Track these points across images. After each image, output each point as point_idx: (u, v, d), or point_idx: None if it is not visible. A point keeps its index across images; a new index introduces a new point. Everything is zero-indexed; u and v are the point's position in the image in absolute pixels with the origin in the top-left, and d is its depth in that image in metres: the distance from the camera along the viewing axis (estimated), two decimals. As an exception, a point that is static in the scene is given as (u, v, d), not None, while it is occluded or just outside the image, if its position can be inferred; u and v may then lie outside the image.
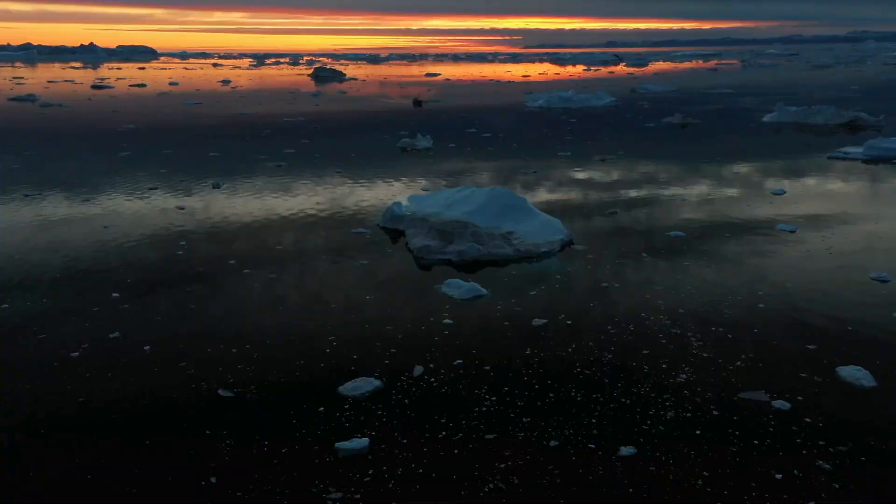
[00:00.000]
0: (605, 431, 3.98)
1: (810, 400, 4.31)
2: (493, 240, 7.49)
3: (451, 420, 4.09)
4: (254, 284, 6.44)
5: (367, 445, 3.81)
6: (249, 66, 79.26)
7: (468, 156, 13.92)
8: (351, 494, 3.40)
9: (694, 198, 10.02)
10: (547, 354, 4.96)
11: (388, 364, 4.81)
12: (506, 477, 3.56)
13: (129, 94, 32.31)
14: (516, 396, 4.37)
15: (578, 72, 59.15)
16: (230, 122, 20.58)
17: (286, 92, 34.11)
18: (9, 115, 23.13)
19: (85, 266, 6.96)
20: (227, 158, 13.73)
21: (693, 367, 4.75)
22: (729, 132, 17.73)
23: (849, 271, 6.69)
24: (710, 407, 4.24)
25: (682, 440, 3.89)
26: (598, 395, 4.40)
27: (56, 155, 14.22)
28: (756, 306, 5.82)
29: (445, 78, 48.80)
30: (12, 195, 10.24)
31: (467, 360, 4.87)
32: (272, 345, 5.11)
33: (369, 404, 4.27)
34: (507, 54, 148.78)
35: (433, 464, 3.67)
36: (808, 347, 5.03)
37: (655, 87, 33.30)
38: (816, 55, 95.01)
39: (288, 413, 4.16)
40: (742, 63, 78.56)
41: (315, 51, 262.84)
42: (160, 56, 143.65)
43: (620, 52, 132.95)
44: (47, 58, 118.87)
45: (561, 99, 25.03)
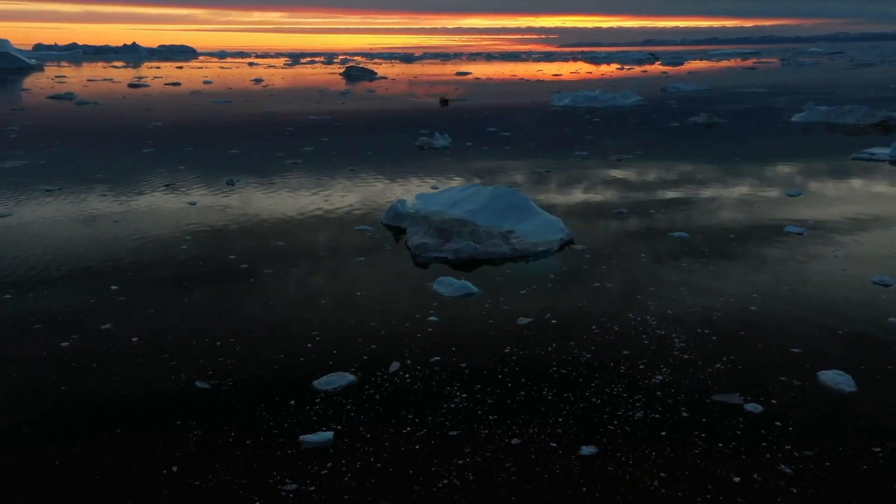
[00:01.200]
0: (569, 431, 3.98)
1: (784, 403, 4.25)
2: (492, 238, 7.50)
3: (418, 416, 4.12)
4: (248, 279, 6.55)
5: (330, 439, 3.87)
6: (284, 65, 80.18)
7: (484, 154, 13.92)
8: (306, 486, 3.46)
9: (704, 199, 9.90)
10: (526, 353, 4.97)
11: (366, 359, 4.86)
12: (461, 473, 3.58)
13: (163, 93, 32.95)
14: (487, 394, 4.39)
15: (611, 71, 58.62)
16: (256, 120, 20.87)
17: (315, 91, 34.45)
18: (45, 113, 23.77)
19: (89, 258, 7.14)
20: (247, 156, 13.94)
21: (671, 368, 4.71)
22: (754, 132, 17.42)
23: (851, 275, 6.56)
24: (680, 408, 4.21)
25: (646, 441, 3.87)
26: (570, 394, 4.39)
27: (82, 151, 14.59)
28: (748, 309, 5.74)
29: (475, 77, 48.78)
30: (33, 190, 10.55)
31: (445, 357, 4.90)
32: (255, 338, 5.20)
33: (340, 398, 4.33)
34: (540, 53, 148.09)
35: (392, 459, 3.71)
36: (793, 351, 4.95)
37: (686, 87, 32.86)
38: (861, 53, 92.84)
39: (259, 405, 4.23)
40: (781, 62, 77.06)
41: (350, 50, 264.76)
42: (199, 55, 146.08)
43: (656, 51, 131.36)
44: (92, 57, 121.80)
45: (587, 98, 24.86)
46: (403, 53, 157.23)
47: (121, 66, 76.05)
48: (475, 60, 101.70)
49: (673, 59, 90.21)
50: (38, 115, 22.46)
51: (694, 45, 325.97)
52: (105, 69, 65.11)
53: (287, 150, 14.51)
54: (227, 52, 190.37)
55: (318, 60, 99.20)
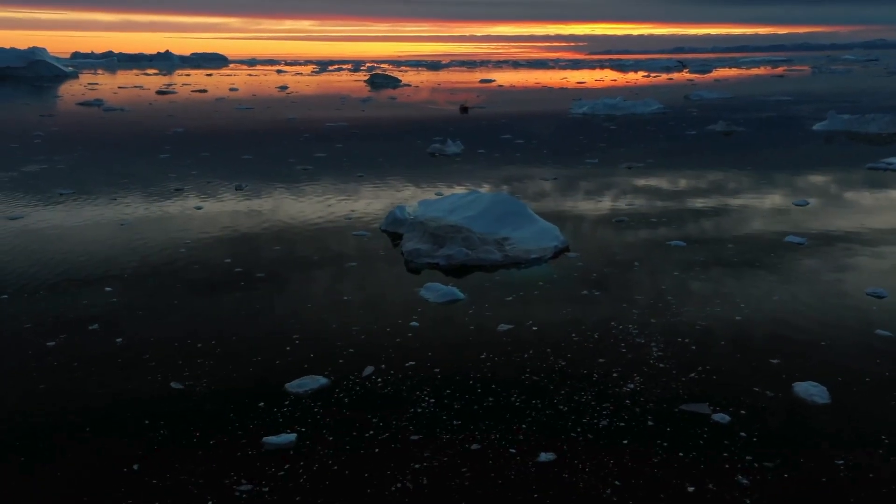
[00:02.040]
0: (530, 437, 3.98)
1: (753, 414, 4.21)
2: (485, 245, 7.51)
3: (383, 420, 4.16)
4: (238, 283, 6.65)
5: (292, 441, 3.92)
6: (311, 72, 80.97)
7: (494, 162, 13.94)
8: (260, 487, 3.51)
9: (707, 208, 9.81)
10: (501, 360, 4.98)
11: (341, 363, 4.91)
12: (416, 478, 3.60)
13: (189, 100, 33.51)
14: (455, 400, 4.41)
15: (637, 78, 58.26)
16: (274, 126, 21.13)
17: (338, 97, 34.75)
18: (73, 119, 24.32)
19: (87, 261, 7.29)
20: (259, 161, 14.13)
21: (644, 377, 4.69)
22: (772, 141, 17.21)
23: (845, 286, 6.46)
24: (646, 417, 4.19)
25: (606, 449, 3.86)
26: (537, 401, 4.39)
27: (100, 156, 14.90)
28: (733, 319, 5.69)
29: (499, 84, 48.82)
30: (48, 193, 10.80)
31: (419, 362, 4.93)
32: (235, 340, 5.28)
33: (309, 401, 4.38)
34: (567, 61, 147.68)
35: (349, 462, 3.74)
36: (771, 361, 4.89)
37: (709, 95, 32.52)
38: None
39: (229, 406, 4.30)
40: (813, 69, 75.92)
41: (378, 57, 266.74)
42: (230, 63, 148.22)
43: (685, 59, 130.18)
44: (126, 65, 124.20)
45: (606, 106, 24.76)
46: (430, 61, 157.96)
47: (153, 73, 77.47)
48: (501, 68, 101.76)
49: (701, 67, 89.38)
50: (64, 121, 23.01)
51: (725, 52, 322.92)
52: (137, 76, 66.40)
53: (300, 156, 14.67)
54: (258, 59, 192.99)
55: (345, 68, 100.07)
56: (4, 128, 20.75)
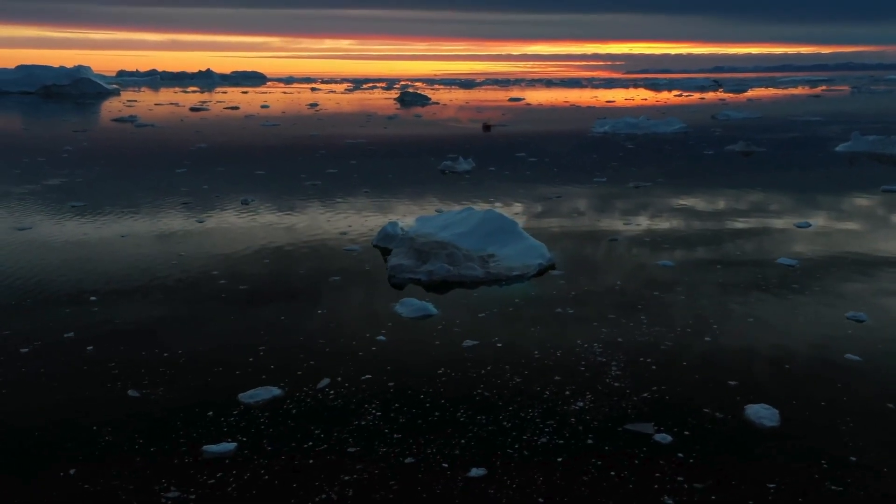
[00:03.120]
0: (467, 452, 4.00)
1: (696, 435, 4.16)
2: (469, 261, 7.55)
3: (324, 431, 4.21)
4: (219, 294, 6.77)
5: (231, 450, 3.99)
6: (345, 90, 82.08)
7: (502, 180, 13.98)
8: (187, 495, 3.58)
9: (705, 228, 9.71)
10: (457, 375, 5.00)
11: (299, 375, 4.99)
12: (342, 489, 3.64)
13: (219, 116, 34.23)
14: (402, 413, 4.44)
15: (668, 98, 57.88)
16: (294, 142, 21.48)
17: (364, 115, 35.18)
18: (104, 135, 25.04)
19: (79, 270, 7.49)
20: (271, 176, 14.39)
21: (597, 395, 4.67)
22: (791, 161, 16.97)
23: (827, 309, 6.35)
24: (587, 435, 4.17)
25: (538, 466, 3.86)
26: (483, 416, 4.41)
27: (120, 171, 15.31)
28: (700, 339, 5.63)
29: (527, 103, 48.92)
30: (61, 206, 11.15)
31: (376, 375, 4.98)
32: (200, 350, 5.39)
33: (258, 411, 4.46)
34: (602, 79, 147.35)
35: (281, 472, 3.80)
36: (729, 383, 4.84)
37: (737, 114, 32.17)
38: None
39: (179, 415, 4.40)
40: (852, 89, 74.64)
41: (413, 76, 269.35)
42: (268, 81, 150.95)
43: (721, 78, 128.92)
44: (169, 82, 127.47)
45: (627, 125, 24.66)
46: (464, 79, 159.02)
47: (194, 90, 79.36)
48: (534, 87, 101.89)
49: (737, 87, 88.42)
50: (95, 136, 23.69)
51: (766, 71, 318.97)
52: (176, 94, 68.02)
53: (312, 171, 14.90)
54: (295, 77, 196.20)
55: (378, 86, 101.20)
56: (38, 143, 21.45)
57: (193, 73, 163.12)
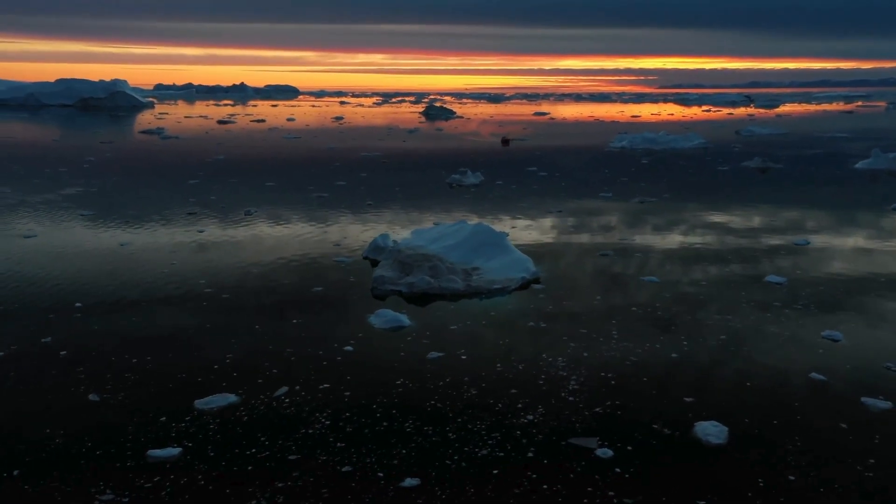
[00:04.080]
0: (405, 462, 4.03)
1: (639, 451, 4.14)
2: (451, 274, 7.59)
3: (269, 438, 4.28)
4: (200, 302, 6.88)
5: (175, 455, 4.07)
6: (373, 103, 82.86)
7: (508, 193, 14.01)
8: (121, 498, 3.67)
9: (702, 244, 9.62)
10: (415, 386, 5.04)
11: (260, 383, 5.06)
12: (272, 496, 3.70)
13: (244, 129, 34.79)
14: (351, 423, 4.49)
15: (695, 113, 57.40)
16: (310, 154, 21.76)
17: (386, 128, 35.49)
18: (128, 146, 25.63)
19: (68, 276, 7.68)
20: (280, 188, 14.60)
21: (549, 409, 4.67)
22: (806, 178, 16.73)
23: (803, 328, 6.27)
24: (529, 448, 4.18)
25: (473, 477, 3.88)
26: (431, 427, 4.43)
27: (135, 181, 15.65)
28: (667, 356, 5.60)
29: (551, 118, 48.89)
30: (69, 214, 11.44)
31: (335, 385, 5.04)
32: (168, 357, 5.49)
33: (210, 418, 4.54)
34: (632, 94, 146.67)
35: (218, 477, 3.87)
36: (685, 400, 4.81)
37: (761, 130, 31.78)
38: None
39: (133, 419, 4.49)
40: (889, 105, 73.23)
41: (443, 90, 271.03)
42: (299, 94, 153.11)
43: (755, 93, 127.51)
44: (204, 96, 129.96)
45: (645, 140, 24.52)
46: (494, 94, 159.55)
47: (227, 103, 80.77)
48: (563, 101, 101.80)
49: (769, 102, 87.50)
50: (119, 148, 24.24)
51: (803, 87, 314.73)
52: (208, 107, 69.24)
53: (321, 183, 15.08)
54: (327, 91, 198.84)
55: (407, 100, 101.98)
56: (63, 154, 22.01)
57: (228, 86, 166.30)
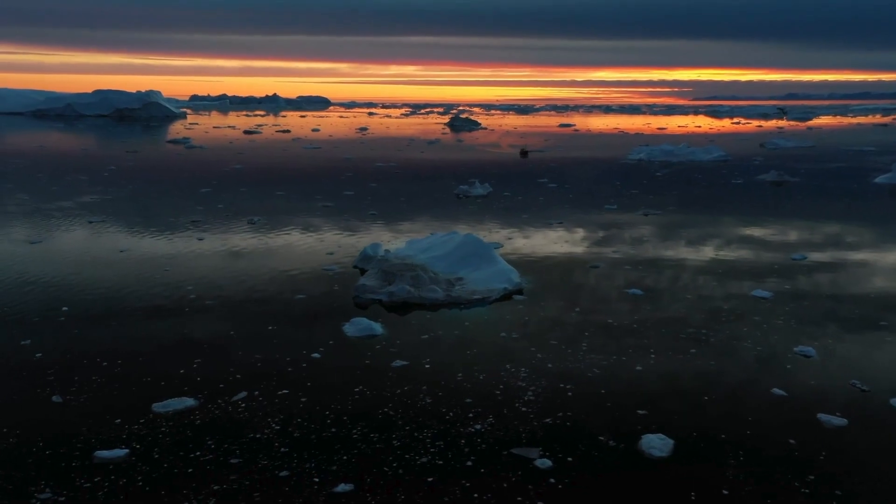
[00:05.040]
0: (344, 468, 4.07)
1: (579, 462, 4.14)
2: (435, 284, 7.63)
3: (217, 442, 4.35)
4: (182, 309, 7.01)
5: (121, 456, 4.17)
6: (401, 114, 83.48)
7: (512, 205, 14.01)
8: (58, 497, 3.77)
9: (695, 257, 9.54)
10: (372, 393, 5.09)
11: (221, 387, 5.15)
12: (205, 499, 3.77)
13: (268, 139, 35.30)
14: (300, 428, 4.55)
15: (724, 125, 56.76)
16: (326, 164, 22.01)
17: (407, 139, 35.71)
18: (152, 155, 26.15)
19: (62, 280, 7.88)
20: (288, 197, 14.80)
21: (499, 419, 4.68)
22: (820, 192, 16.46)
23: (777, 342, 6.18)
24: (470, 457, 4.20)
25: (407, 484, 3.91)
26: (378, 434, 4.48)
27: (150, 189, 15.99)
28: (632, 369, 5.57)
29: (576, 129, 48.74)
30: (78, 221, 11.73)
31: (294, 391, 5.11)
32: (140, 360, 5.60)
33: (164, 421, 4.64)
34: (662, 106, 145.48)
35: (157, 478, 3.95)
36: (638, 412, 4.78)
37: (786, 143, 31.33)
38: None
39: (88, 421, 4.60)
40: (927, 118, 71.68)
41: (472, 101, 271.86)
42: (331, 105, 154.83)
43: (791, 105, 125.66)
44: (237, 107, 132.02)
45: (663, 152, 24.35)
46: (523, 105, 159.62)
47: (260, 114, 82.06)
48: (592, 113, 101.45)
49: (803, 114, 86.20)
50: (143, 157, 24.77)
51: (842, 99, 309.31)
52: (238, 117, 70.32)
53: (329, 193, 15.26)
54: (357, 102, 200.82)
55: (435, 111, 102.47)
56: (87, 162, 22.56)
57: (261, 97, 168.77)
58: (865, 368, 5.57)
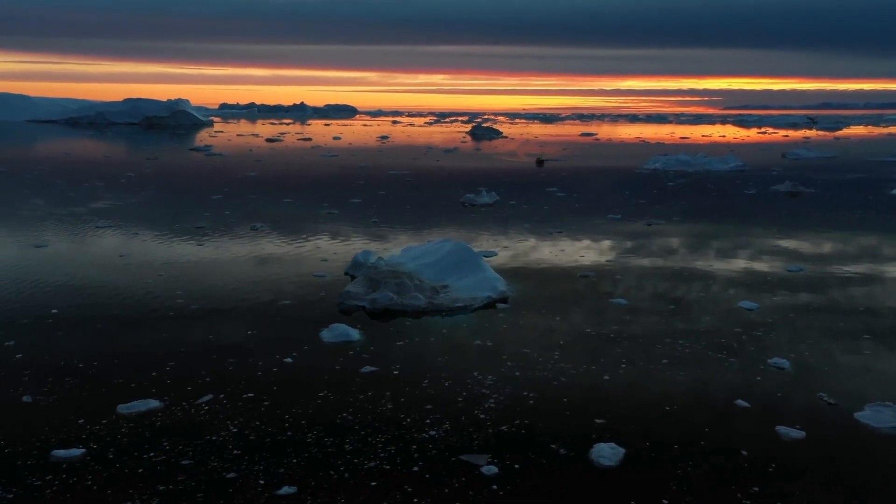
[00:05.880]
0: (291, 471, 4.13)
1: (526, 470, 4.16)
2: (420, 291, 7.68)
3: (171, 443, 4.44)
4: (168, 313, 7.13)
5: (78, 455, 4.27)
6: (425, 123, 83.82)
7: (516, 213, 14.01)
8: (7, 493, 3.87)
9: (689, 267, 9.46)
10: (335, 398, 5.14)
11: (189, 390, 5.24)
12: (149, 499, 3.85)
13: (288, 147, 35.69)
14: (256, 431, 4.62)
15: (749, 135, 56.10)
16: (340, 172, 22.19)
17: (425, 147, 35.86)
18: (171, 162, 26.59)
19: (56, 283, 8.06)
20: (296, 204, 14.96)
21: (455, 425, 4.71)
22: (833, 204, 16.20)
23: (754, 354, 6.13)
24: (418, 462, 4.23)
25: (350, 487, 3.96)
26: (332, 438, 4.53)
27: (161, 196, 16.27)
28: (599, 378, 5.56)
29: (597, 139, 48.55)
30: (88, 226, 11.98)
31: (258, 394, 5.19)
32: (116, 363, 5.72)
33: (125, 421, 4.73)
34: (690, 115, 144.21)
35: (107, 478, 4.04)
36: (595, 421, 4.77)
37: (807, 153, 30.88)
38: None
39: (53, 420, 4.72)
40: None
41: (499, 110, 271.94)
42: (357, 114, 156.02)
43: (819, 115, 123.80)
44: (265, 115, 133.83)
45: (679, 162, 24.16)
46: (549, 114, 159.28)
47: (288, 122, 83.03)
48: (617, 122, 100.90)
49: (833, 124, 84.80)
50: (162, 164, 25.19)
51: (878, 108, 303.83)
52: (263, 125, 71.20)
53: (336, 200, 15.39)
54: (384, 110, 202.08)
55: (460, 119, 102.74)
56: (106, 169, 23.01)
57: (288, 105, 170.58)
58: (837, 382, 5.50)
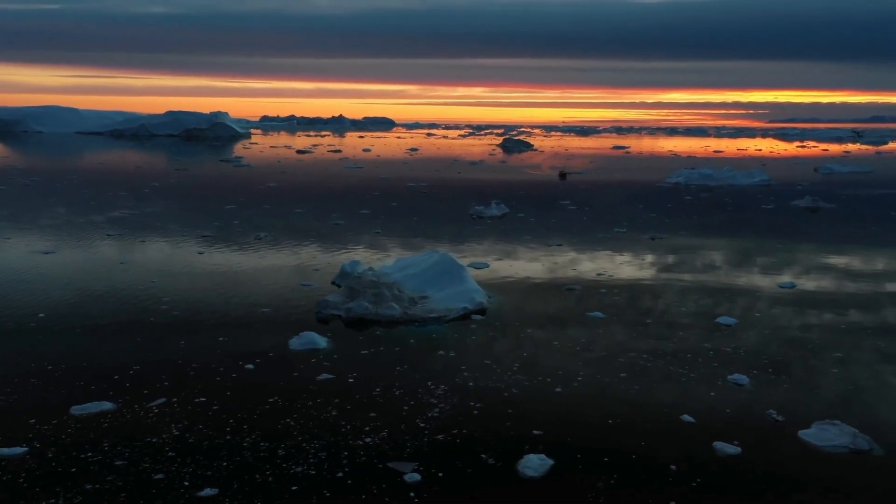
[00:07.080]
0: (218, 474, 4.23)
1: (449, 478, 4.20)
2: (396, 301, 7.74)
3: (113, 444, 4.57)
4: (149, 318, 7.31)
5: (19, 454, 4.43)
6: (458, 135, 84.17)
7: (522, 226, 14.00)
8: (-57, 485, 4.04)
9: (679, 280, 9.36)
10: (284, 405, 5.23)
11: (144, 393, 5.39)
12: (74, 496, 3.97)
13: (316, 159, 36.18)
14: (197, 434, 4.73)
15: (788, 149, 55.02)
16: (359, 183, 22.43)
17: (451, 160, 36.00)
18: (199, 173, 27.17)
19: (51, 287, 8.33)
20: (306, 214, 15.18)
21: (393, 433, 4.76)
22: (852, 220, 15.82)
23: (716, 369, 6.06)
24: (345, 468, 4.29)
25: (271, 491, 4.04)
26: (267, 444, 4.62)
27: (179, 205, 16.67)
28: (551, 390, 5.55)
29: (627, 152, 48.15)
30: (98, 234, 12.35)
31: (210, 399, 5.30)
32: (85, 365, 5.90)
33: (74, 422, 4.88)
34: (731, 128, 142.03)
35: (40, 476, 4.18)
36: (533, 433, 4.77)
37: (841, 168, 30.19)
38: None
39: (6, 419, 4.89)
40: None
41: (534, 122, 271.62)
42: (394, 126, 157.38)
43: (867, 128, 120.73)
44: (305, 127, 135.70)
45: (702, 176, 23.85)
46: (586, 127, 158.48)
47: (326, 134, 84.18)
48: (654, 135, 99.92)
49: (878, 138, 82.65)
50: (188, 175, 25.77)
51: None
52: (299, 137, 72.26)
53: (346, 211, 15.58)
54: (421, 123, 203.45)
55: (495, 132, 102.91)
56: (133, 179, 23.61)
57: (327, 118, 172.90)
58: (791, 399, 5.39)
